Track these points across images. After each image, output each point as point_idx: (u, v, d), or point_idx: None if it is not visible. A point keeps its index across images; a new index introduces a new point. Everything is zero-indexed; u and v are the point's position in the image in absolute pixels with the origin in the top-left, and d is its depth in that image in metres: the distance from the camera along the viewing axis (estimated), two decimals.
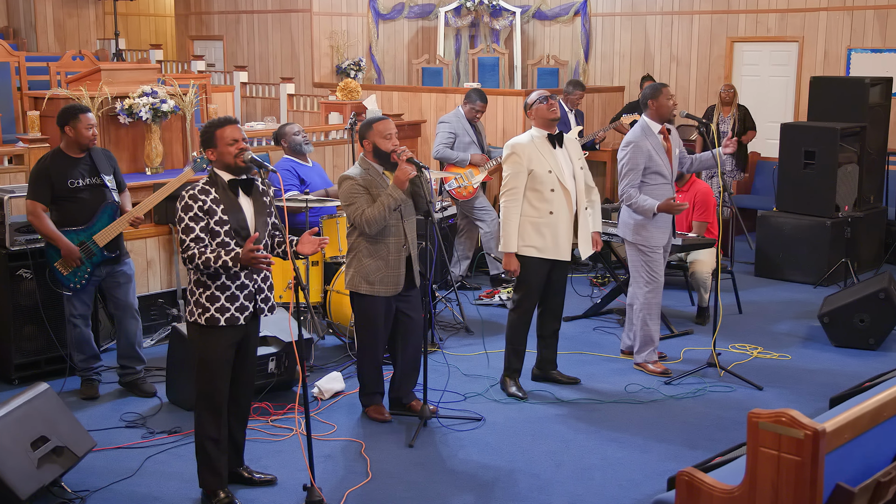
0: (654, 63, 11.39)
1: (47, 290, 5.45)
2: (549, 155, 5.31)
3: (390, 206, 4.79)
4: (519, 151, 5.30)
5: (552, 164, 5.30)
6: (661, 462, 4.63)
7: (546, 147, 5.33)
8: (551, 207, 5.30)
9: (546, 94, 5.37)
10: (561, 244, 5.33)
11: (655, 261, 5.75)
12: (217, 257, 3.90)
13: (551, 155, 5.32)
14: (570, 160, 5.40)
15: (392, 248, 4.91)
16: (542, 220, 5.30)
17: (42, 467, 4.00)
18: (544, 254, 5.32)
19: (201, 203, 3.94)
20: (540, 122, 5.36)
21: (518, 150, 5.31)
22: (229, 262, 3.89)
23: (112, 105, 7.08)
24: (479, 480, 4.44)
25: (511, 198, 5.29)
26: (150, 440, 4.85)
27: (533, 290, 5.42)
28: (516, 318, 5.47)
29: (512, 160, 5.31)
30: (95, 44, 14.08)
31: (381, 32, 12.80)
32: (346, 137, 8.88)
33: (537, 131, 5.38)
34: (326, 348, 6.32)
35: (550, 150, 5.32)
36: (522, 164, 5.28)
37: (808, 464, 2.71)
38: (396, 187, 4.80)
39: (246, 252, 3.88)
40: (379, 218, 4.80)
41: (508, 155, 5.33)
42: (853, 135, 8.29)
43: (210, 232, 3.95)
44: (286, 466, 4.54)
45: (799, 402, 5.36)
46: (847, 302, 6.41)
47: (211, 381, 4.05)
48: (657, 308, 5.81)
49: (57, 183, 5.17)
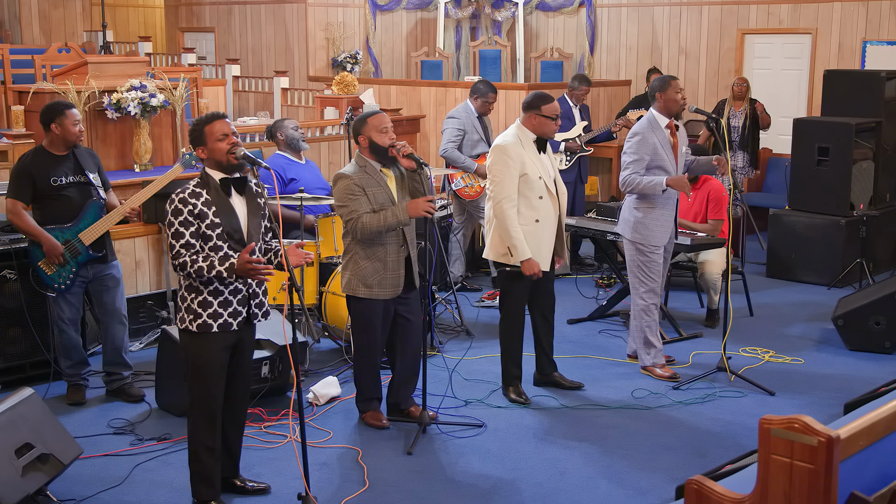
0: (662, 56, 11.39)
1: (32, 292, 5.46)
2: (536, 160, 5.28)
3: (391, 226, 4.79)
4: (511, 154, 5.22)
5: (541, 170, 5.27)
6: (668, 470, 4.63)
7: (533, 150, 5.29)
8: (538, 215, 5.26)
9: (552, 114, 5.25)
10: (543, 254, 5.29)
11: (654, 261, 5.74)
12: (211, 266, 3.89)
13: (538, 160, 5.29)
14: (551, 167, 5.37)
15: (390, 249, 4.91)
16: (527, 229, 5.25)
17: (27, 475, 3.99)
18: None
19: (192, 207, 3.93)
20: (533, 128, 5.31)
21: (510, 153, 5.22)
22: (224, 274, 3.89)
23: (99, 99, 7.09)
24: (480, 489, 4.44)
25: (510, 204, 5.19)
26: (139, 447, 4.84)
27: (518, 299, 5.41)
28: (506, 326, 5.46)
29: (503, 163, 5.21)
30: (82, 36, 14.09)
31: (378, 24, 12.81)
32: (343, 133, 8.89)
33: (524, 134, 5.30)
34: (322, 352, 6.32)
35: (537, 155, 5.30)
36: (516, 166, 5.20)
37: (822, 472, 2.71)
38: (407, 213, 4.78)
39: (243, 263, 3.88)
40: (375, 231, 4.79)
41: (499, 157, 5.23)
42: (868, 130, 8.29)
43: (202, 236, 3.95)
44: (280, 475, 4.54)
45: (812, 407, 5.36)
46: (862, 304, 6.41)
47: (205, 386, 4.05)
48: (655, 309, 5.81)
49: (40, 181, 5.17)
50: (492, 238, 5.38)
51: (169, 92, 7.35)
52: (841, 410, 4.36)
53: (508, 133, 5.35)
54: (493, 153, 5.31)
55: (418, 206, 4.78)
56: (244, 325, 4.11)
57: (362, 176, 4.87)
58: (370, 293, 4.90)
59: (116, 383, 5.51)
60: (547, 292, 5.52)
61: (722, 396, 5.57)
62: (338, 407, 5.41)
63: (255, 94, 12.43)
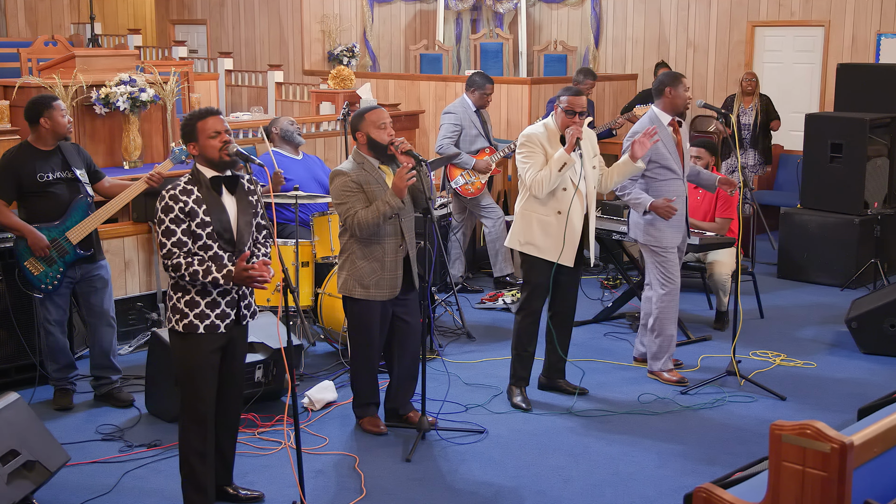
0: (670, 49, 11.40)
1: (17, 293, 5.45)
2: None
3: (386, 213, 4.78)
4: (535, 141, 5.29)
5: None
6: (676, 477, 4.63)
7: (559, 144, 5.31)
8: (560, 206, 5.29)
9: (577, 110, 5.25)
10: (565, 249, 5.31)
11: (670, 261, 5.75)
12: (206, 272, 3.90)
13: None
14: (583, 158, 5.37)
15: (388, 249, 4.91)
16: (548, 219, 5.29)
17: (12, 483, 3.99)
18: (544, 255, 5.31)
19: (182, 204, 3.94)
20: (558, 122, 5.35)
21: (533, 140, 5.29)
22: (220, 281, 3.91)
23: (87, 94, 7.09)
24: (482, 497, 4.44)
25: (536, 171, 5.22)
26: (128, 454, 4.84)
27: (538, 291, 5.42)
28: (521, 320, 5.47)
29: (527, 148, 5.29)
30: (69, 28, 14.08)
31: (376, 16, 12.81)
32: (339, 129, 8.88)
33: (553, 125, 5.37)
34: (317, 355, 6.32)
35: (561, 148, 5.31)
36: (539, 150, 5.27)
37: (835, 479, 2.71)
38: (395, 195, 4.78)
39: (240, 271, 3.90)
40: (372, 224, 4.79)
41: (523, 143, 5.32)
42: (883, 126, 8.29)
43: (191, 235, 3.95)
44: (274, 482, 4.54)
45: (825, 413, 5.35)
46: (877, 306, 6.41)
47: (195, 390, 4.05)
48: (674, 312, 5.80)
49: (25, 177, 5.18)
50: (513, 227, 5.43)
51: (159, 86, 7.35)
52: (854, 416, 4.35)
53: (538, 124, 5.46)
54: (519, 141, 5.39)
55: (396, 183, 4.74)
56: (233, 326, 4.11)
57: (360, 173, 4.87)
58: (367, 294, 4.90)
59: (105, 388, 5.51)
60: (569, 290, 5.52)
61: (731, 401, 5.57)
62: (334, 412, 5.40)
63: (249, 89, 12.44)
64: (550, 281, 5.38)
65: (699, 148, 6.97)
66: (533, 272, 5.40)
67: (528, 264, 5.41)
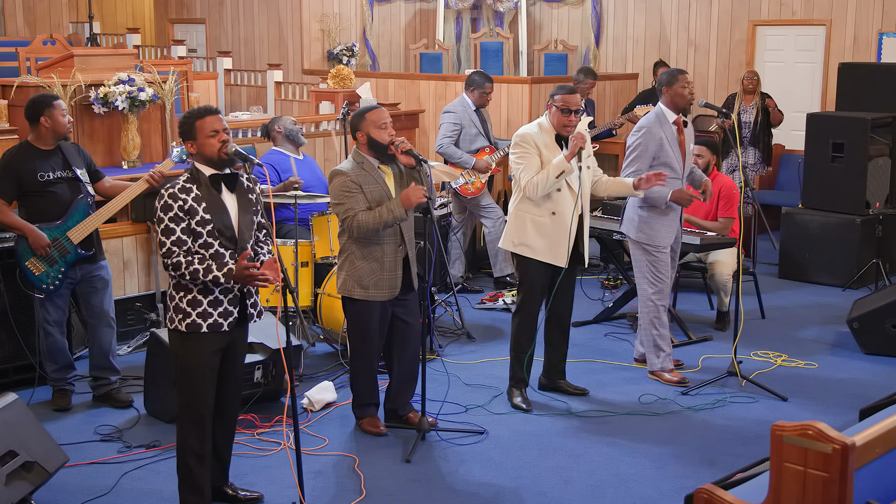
0: (670, 48, 11.40)
1: (16, 294, 5.45)
2: (557, 151, 5.30)
3: (387, 222, 4.78)
4: (529, 141, 5.28)
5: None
6: (677, 479, 4.63)
7: (553, 143, 5.32)
8: (554, 207, 5.29)
9: (572, 108, 5.23)
10: (559, 249, 5.31)
11: (661, 261, 5.75)
12: (207, 270, 3.90)
13: (559, 151, 5.31)
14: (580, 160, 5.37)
15: (388, 249, 4.91)
16: (542, 220, 5.29)
17: (10, 484, 3.99)
18: (538, 255, 5.32)
19: (181, 202, 3.94)
20: (552, 121, 5.35)
21: (528, 140, 5.28)
22: (221, 279, 3.91)
23: (86, 93, 7.09)
24: (482, 498, 4.44)
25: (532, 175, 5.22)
26: (127, 455, 4.85)
27: (535, 292, 5.42)
28: (518, 322, 5.47)
29: (522, 149, 5.28)
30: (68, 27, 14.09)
31: (375, 15, 12.81)
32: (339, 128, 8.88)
33: (548, 124, 5.36)
34: (317, 356, 6.33)
35: (557, 148, 5.31)
36: (533, 150, 5.26)
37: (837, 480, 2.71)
38: (401, 205, 4.78)
39: (241, 270, 3.90)
40: (372, 229, 4.79)
41: (517, 144, 5.31)
42: (885, 125, 8.29)
43: (192, 233, 3.95)
44: (273, 483, 4.54)
45: (826, 413, 5.36)
46: (878, 306, 6.41)
47: (194, 391, 4.05)
48: (664, 312, 5.81)
49: (25, 177, 5.18)
50: (507, 228, 5.44)
51: (158, 86, 7.35)
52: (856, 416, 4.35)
53: (532, 123, 5.44)
54: (513, 141, 5.38)
55: (410, 196, 4.77)
56: (236, 325, 4.11)
57: (359, 173, 4.87)
58: (366, 294, 4.90)
59: (103, 388, 5.51)
60: (566, 290, 5.52)
61: (732, 402, 5.57)
62: (333, 413, 5.41)
63: (248, 88, 12.43)
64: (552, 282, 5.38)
65: (700, 146, 6.98)
66: (528, 273, 5.40)
67: (522, 265, 5.41)
